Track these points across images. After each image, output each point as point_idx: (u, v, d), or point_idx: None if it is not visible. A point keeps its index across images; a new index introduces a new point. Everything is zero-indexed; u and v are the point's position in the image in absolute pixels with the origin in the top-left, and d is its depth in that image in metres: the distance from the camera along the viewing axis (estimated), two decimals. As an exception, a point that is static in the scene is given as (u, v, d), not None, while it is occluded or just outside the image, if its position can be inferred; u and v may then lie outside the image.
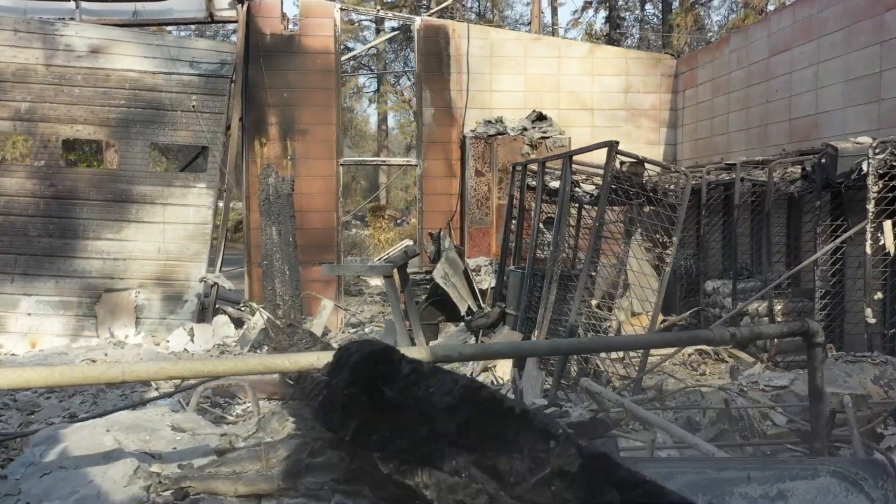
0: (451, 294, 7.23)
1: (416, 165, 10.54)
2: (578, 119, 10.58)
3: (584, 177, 6.44)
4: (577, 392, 5.66)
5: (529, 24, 28.53)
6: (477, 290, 7.74)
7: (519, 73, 10.49)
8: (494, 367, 6.49)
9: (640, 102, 10.65)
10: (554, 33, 33.56)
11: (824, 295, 6.04)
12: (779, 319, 6.79)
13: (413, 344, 7.40)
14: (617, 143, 4.98)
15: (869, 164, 5.34)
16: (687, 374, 6.92)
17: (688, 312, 8.33)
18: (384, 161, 10.48)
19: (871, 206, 5.36)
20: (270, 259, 9.37)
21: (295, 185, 10.07)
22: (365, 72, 36.97)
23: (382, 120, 40.64)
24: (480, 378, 6.42)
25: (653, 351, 7.47)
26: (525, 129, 10.15)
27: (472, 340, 7.04)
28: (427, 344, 7.41)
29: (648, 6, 39.29)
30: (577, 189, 6.26)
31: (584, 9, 36.50)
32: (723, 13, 38.48)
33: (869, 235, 5.37)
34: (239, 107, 9.87)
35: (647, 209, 5.21)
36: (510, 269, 7.06)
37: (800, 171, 6.60)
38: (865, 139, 5.65)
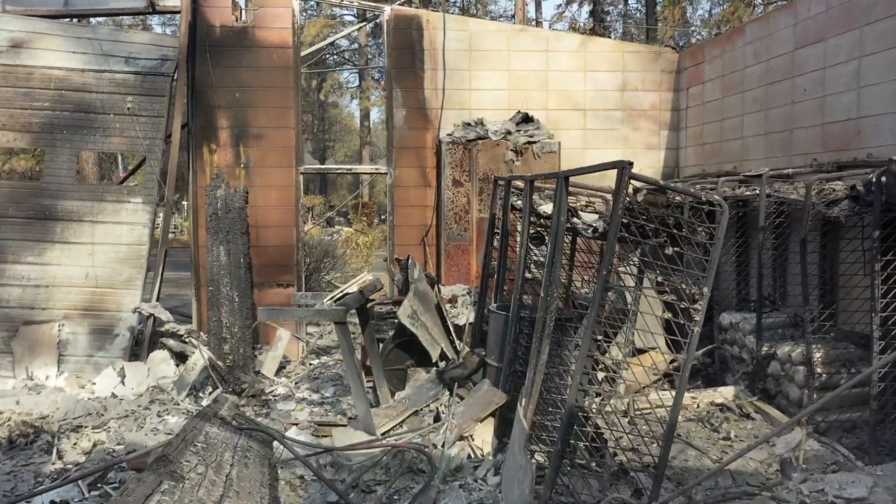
0: (420, 337, 5.99)
1: (385, 173, 9.27)
2: (569, 120, 9.35)
3: (584, 201, 5.24)
4: (580, 477, 4.44)
5: (514, 17, 27.31)
6: (452, 330, 6.49)
7: (502, 68, 9.24)
8: (472, 436, 5.26)
9: (638, 102, 9.43)
10: (539, 27, 32.36)
11: (884, 349, 4.85)
12: (818, 370, 5.60)
13: (376, 401, 6.16)
14: (630, 163, 3.75)
15: (951, 188, 4.15)
16: (706, 436, 5.71)
17: (701, 351, 7.13)
18: (350, 169, 9.21)
19: (953, 242, 4.17)
20: (217, 284, 8.07)
21: (249, 196, 8.78)
22: (332, 68, 35.65)
23: (365, 116, 39.29)
24: (455, 448, 5.19)
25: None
26: (509, 132, 8.90)
27: (446, 395, 5.80)
28: (392, 396, 6.18)
29: (632, 1, 38.34)
30: (574, 219, 5.04)
31: (568, 2, 35.64)
32: (705, 7, 37.57)
33: (950, 279, 4.19)
34: (182, 109, 8.55)
35: (669, 250, 3.99)
36: (491, 308, 5.82)
37: (845, 189, 5.41)
38: (939, 154, 4.47)
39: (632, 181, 3.81)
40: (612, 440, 4.89)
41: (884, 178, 4.65)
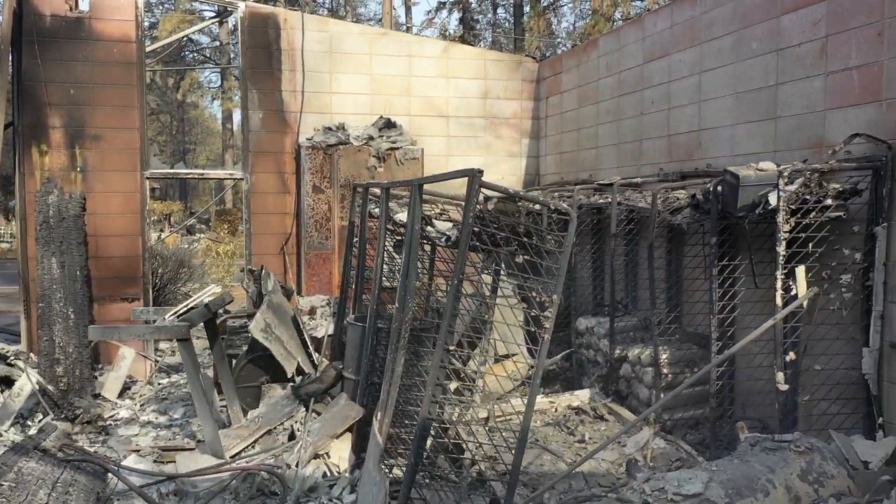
0: (274, 351, 5.69)
1: (241, 179, 8.85)
2: (432, 127, 9.32)
3: (438, 210, 5.17)
4: (436, 490, 4.34)
5: (381, 21, 27.20)
6: (310, 343, 6.24)
7: (364, 72, 9.07)
8: (328, 453, 5.04)
9: (500, 110, 9.54)
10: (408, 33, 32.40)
11: (721, 349, 5.08)
12: (665, 370, 5.81)
13: (226, 422, 5.80)
14: (481, 172, 3.69)
15: (779, 196, 4.39)
16: (563, 440, 5.79)
17: (559, 356, 7.26)
18: (202, 174, 8.73)
19: (781, 249, 4.41)
20: (49, 300, 7.39)
21: (86, 203, 8.12)
22: (188, 66, 34.22)
23: (227, 118, 37.82)
24: (310, 467, 4.95)
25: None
26: (371, 137, 8.74)
27: (301, 412, 5.55)
28: (245, 415, 5.84)
29: (501, 10, 39.32)
30: (429, 228, 4.95)
31: (438, 9, 36.05)
32: (570, 19, 39.15)
33: (779, 283, 4.43)
34: (3, 106, 7.77)
35: (520, 259, 3.97)
36: (349, 319, 5.62)
37: (687, 197, 5.65)
38: (769, 165, 4.72)
39: (483, 190, 3.75)
40: (471, 450, 4.83)
41: (719, 188, 4.87)
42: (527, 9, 32.15)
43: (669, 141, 6.65)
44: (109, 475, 4.69)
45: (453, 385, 4.42)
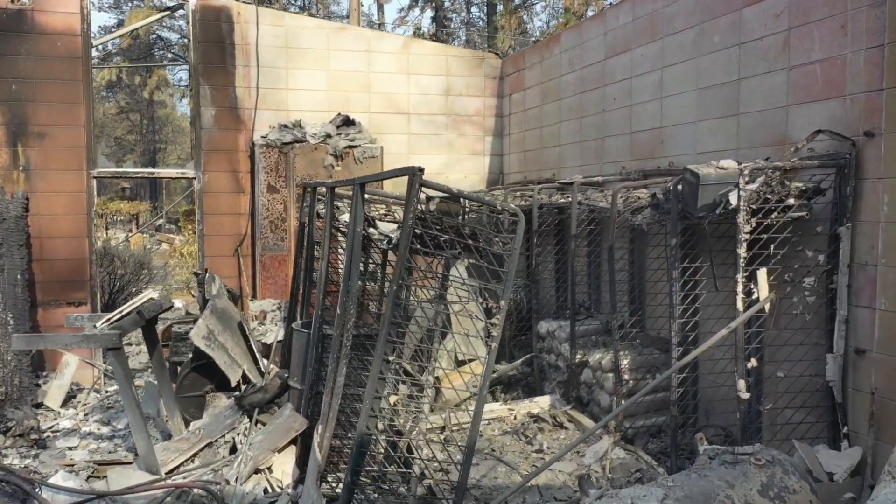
0: (216, 359, 5.40)
1: (193, 178, 8.51)
2: (393, 125, 9.05)
3: (383, 211, 4.90)
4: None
5: (348, 17, 26.83)
6: (258, 349, 5.94)
7: (321, 68, 8.78)
8: (270, 468, 4.76)
9: (462, 107, 9.30)
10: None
11: (682, 354, 4.88)
12: (626, 376, 5.60)
13: (167, 433, 5.49)
14: (421, 170, 3.44)
15: (739, 195, 4.19)
16: (520, 449, 5.55)
17: (519, 361, 7.03)
18: (152, 173, 8.39)
19: (742, 250, 4.21)
20: (-15, 305, 7.02)
21: (30, 203, 7.75)
22: (155, 63, 33.68)
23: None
24: (250, 483, 4.67)
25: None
26: (329, 135, 8.46)
27: (245, 423, 5.26)
28: (187, 427, 5.54)
29: (474, 9, 39.15)
30: (372, 230, 4.68)
31: (410, 7, 35.85)
32: (544, 18, 39.11)
33: (740, 287, 4.23)
34: (-63, 101, 7.37)
35: (465, 263, 3.72)
36: (295, 325, 5.34)
37: (648, 197, 5.44)
38: (730, 163, 4.53)
39: (424, 189, 3.49)
40: (420, 463, 4.58)
41: (679, 187, 4.67)
42: (499, 7, 32.06)
43: (632, 138, 6.46)
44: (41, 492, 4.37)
45: (398, 396, 4.15)
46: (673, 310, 4.86)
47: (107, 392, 7.81)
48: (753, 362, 4.27)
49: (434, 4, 35.20)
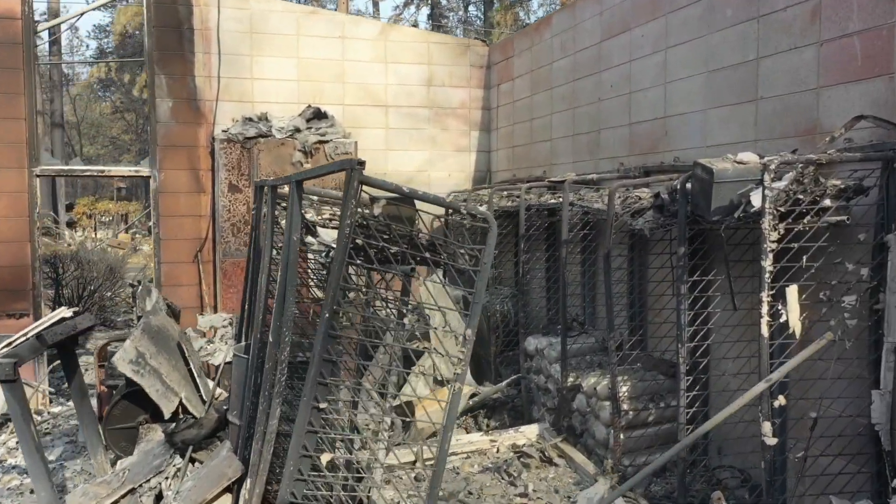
0: (146, 388, 4.62)
1: (149, 176, 7.71)
2: (370, 118, 8.26)
3: (327, 214, 4.13)
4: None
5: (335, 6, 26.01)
6: (202, 373, 5.16)
7: (290, 55, 7.99)
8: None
9: (446, 99, 8.51)
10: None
11: (691, 384, 4.10)
12: (624, 407, 4.81)
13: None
14: (360, 163, 2.67)
15: (764, 195, 3.40)
16: (501, 491, 4.76)
17: (505, 382, 6.25)
18: (102, 170, 7.62)
19: (767, 263, 3.43)
20: None
21: (-37, 204, 6.99)
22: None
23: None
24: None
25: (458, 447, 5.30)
26: (298, 129, 7.66)
27: (177, 464, 4.47)
28: (113, 466, 4.75)
29: (472, 8, 38.42)
30: (309, 238, 3.88)
31: (406, 4, 35.23)
32: (540, 14, 38.38)
33: (765, 308, 3.44)
34: None
35: (419, 280, 2.92)
36: (236, 347, 4.55)
37: (650, 197, 4.67)
38: (751, 157, 3.75)
39: (368, 188, 2.71)
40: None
41: (688, 185, 3.89)
42: (496, 3, 31.35)
43: (631, 131, 5.67)
44: None
45: (335, 454, 3.35)
46: (680, 332, 4.08)
47: (49, 414, 7.04)
48: (781, 400, 3.48)
49: (430, 2, 34.54)
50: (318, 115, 7.85)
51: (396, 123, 8.36)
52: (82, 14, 7.94)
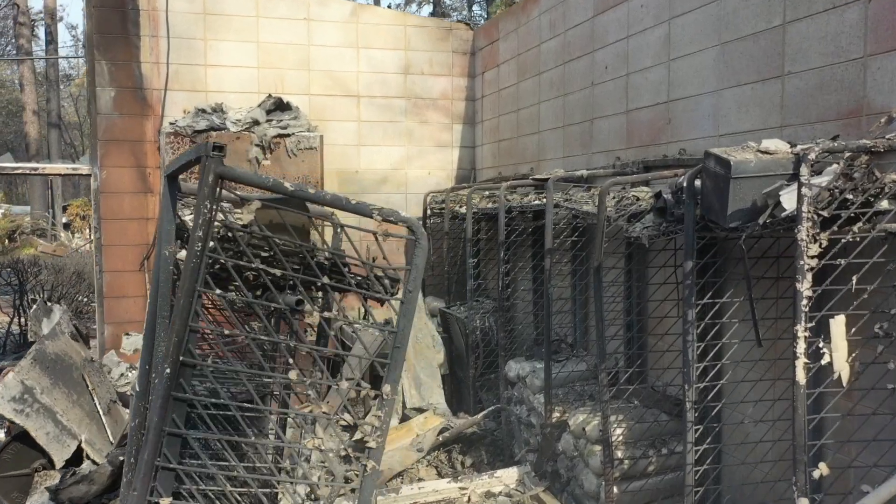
0: (31, 431, 3.76)
1: (89, 175, 6.87)
2: (339, 109, 7.40)
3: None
4: None
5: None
6: (111, 411, 4.30)
7: (249, 39, 7.13)
8: None
9: (426, 89, 7.65)
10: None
11: (701, 436, 3.23)
12: (619, 454, 3.93)
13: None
14: (218, 148, 1.81)
15: (800, 195, 2.52)
16: (468, 560, 3.89)
17: (481, 414, 5.37)
18: (36, 168, 6.80)
19: (804, 285, 2.55)
20: None
21: None
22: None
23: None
24: None
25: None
26: (257, 122, 6.80)
27: (62, 529, 3.61)
28: (-7, 525, 3.90)
29: (476, 7, 37.60)
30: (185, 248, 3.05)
31: (407, 2, 34.58)
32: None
33: (801, 345, 2.57)
34: None
35: (314, 316, 2.05)
36: (132, 384, 3.69)
37: (649, 198, 3.79)
38: (779, 145, 2.87)
39: (230, 184, 1.85)
40: None
41: (697, 182, 3.02)
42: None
43: (628, 119, 4.79)
44: None
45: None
46: (688, 369, 3.19)
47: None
48: (823, 469, 2.59)
49: (432, 0, 33.83)
50: (280, 106, 6.99)
51: (370, 116, 7.50)
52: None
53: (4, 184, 35.74)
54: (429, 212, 7.36)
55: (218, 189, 1.83)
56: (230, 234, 2.04)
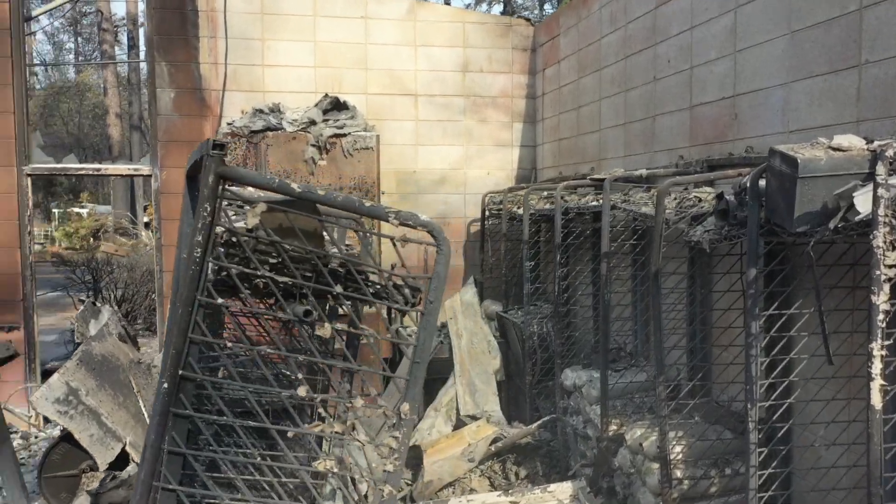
0: (75, 433, 3.77)
1: (149, 175, 6.98)
2: (397, 109, 7.30)
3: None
4: None
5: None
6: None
7: (306, 39, 7.11)
8: None
9: (485, 86, 7.47)
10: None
11: (764, 460, 2.95)
12: (678, 473, 3.67)
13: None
14: (218, 146, 1.69)
15: (877, 197, 2.24)
16: (513, 581, 3.70)
17: (535, 424, 5.17)
18: (98, 169, 6.96)
19: (880, 298, 2.26)
20: None
21: (-49, 207, 6.42)
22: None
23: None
24: None
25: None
26: (313, 122, 6.76)
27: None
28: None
29: (548, 6, 37.13)
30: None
31: (478, 1, 34.44)
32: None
33: (877, 365, 2.28)
34: None
35: (326, 331, 1.91)
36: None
37: (712, 199, 3.52)
38: (853, 141, 2.58)
39: (233, 187, 1.73)
40: None
41: (762, 181, 2.74)
42: (566, -2, 30.03)
43: (692, 115, 4.50)
44: None
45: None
46: (751, 385, 2.92)
47: (44, 433, 6.37)
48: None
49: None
50: (337, 105, 6.93)
51: (427, 115, 7.37)
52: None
53: (90, 184, 37.34)
54: (487, 213, 7.18)
55: (220, 190, 1.71)
56: (234, 240, 1.93)
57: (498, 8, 33.49)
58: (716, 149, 4.22)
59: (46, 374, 5.71)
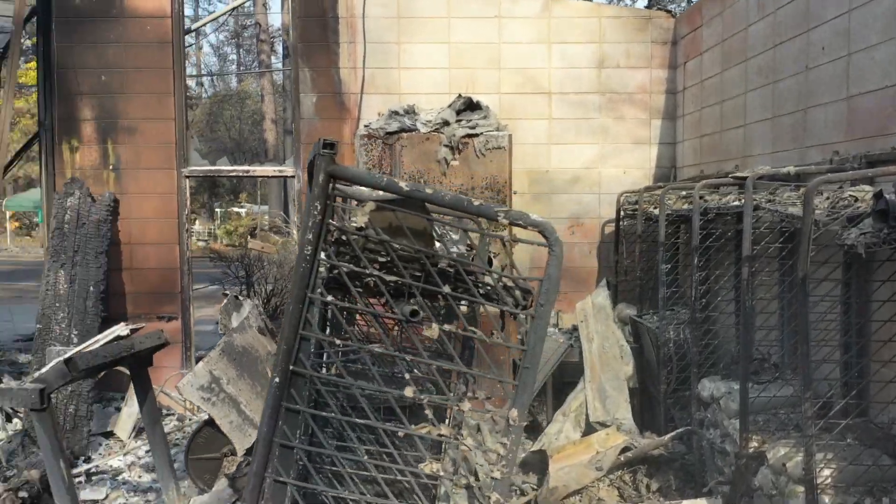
0: (216, 419, 4.00)
1: (292, 176, 7.31)
2: (530, 107, 7.22)
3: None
4: None
5: None
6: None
7: (440, 40, 7.18)
8: None
9: (621, 82, 7.22)
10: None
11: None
12: (826, 499, 3.35)
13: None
14: (329, 146, 1.70)
15: None
16: None
17: (668, 436, 4.91)
18: (248, 171, 7.39)
19: None
20: (48, 320, 6.33)
21: (120, 206, 7.04)
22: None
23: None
24: None
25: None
26: (446, 122, 6.81)
27: (238, 514, 3.79)
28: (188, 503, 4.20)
29: (694, -3, 35.58)
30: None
31: (619, -4, 33.56)
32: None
33: None
34: (12, 95, 6.81)
35: (434, 332, 1.87)
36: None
37: (870, 199, 3.18)
38: None
39: (342, 187, 1.74)
40: None
41: (929, 179, 2.44)
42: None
43: (849, 106, 4.10)
44: None
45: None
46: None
47: (188, 420, 6.85)
48: None
49: (646, -9, 32.59)
50: (470, 105, 6.94)
51: (561, 113, 7.23)
52: (232, 9, 7.77)
53: (249, 185, 39.90)
54: (622, 213, 6.94)
55: (331, 188, 1.72)
56: (344, 238, 1.95)
57: (642, 2, 32.47)
58: (877, 143, 3.82)
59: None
